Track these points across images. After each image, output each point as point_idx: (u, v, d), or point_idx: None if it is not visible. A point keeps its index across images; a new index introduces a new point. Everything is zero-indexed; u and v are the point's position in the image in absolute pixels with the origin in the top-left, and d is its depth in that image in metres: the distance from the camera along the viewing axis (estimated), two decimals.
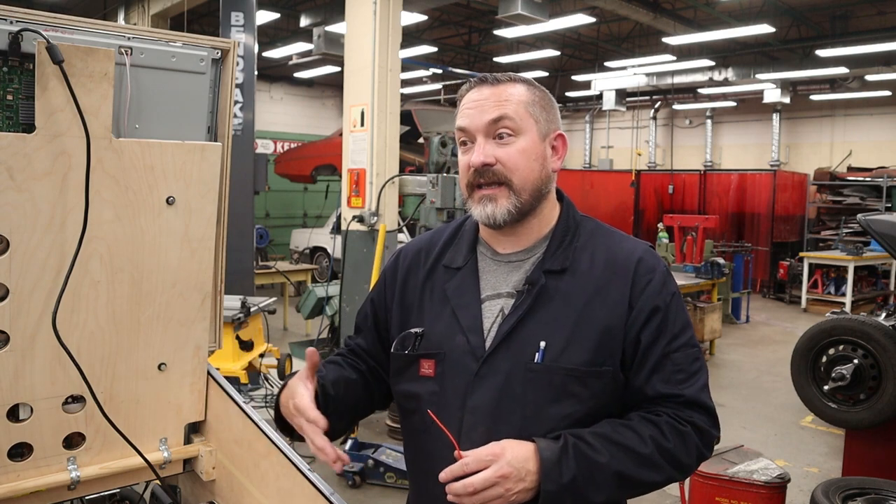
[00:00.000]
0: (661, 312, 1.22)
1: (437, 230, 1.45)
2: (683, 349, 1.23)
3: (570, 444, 1.13)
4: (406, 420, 1.36)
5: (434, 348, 1.27)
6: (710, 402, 1.24)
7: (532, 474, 1.10)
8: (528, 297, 1.22)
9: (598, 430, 1.18)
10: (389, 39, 5.38)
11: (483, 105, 1.23)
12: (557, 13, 10.18)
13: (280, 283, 8.92)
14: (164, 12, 8.54)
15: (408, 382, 1.30)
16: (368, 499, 4.08)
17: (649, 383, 1.21)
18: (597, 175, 15.56)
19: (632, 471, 1.15)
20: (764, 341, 8.83)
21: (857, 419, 3.88)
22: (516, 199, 1.22)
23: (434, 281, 1.33)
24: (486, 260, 1.32)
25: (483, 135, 1.23)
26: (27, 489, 1.37)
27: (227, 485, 1.58)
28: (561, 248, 1.27)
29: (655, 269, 1.26)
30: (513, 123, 1.22)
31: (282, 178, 12.76)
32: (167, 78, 1.40)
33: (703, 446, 1.21)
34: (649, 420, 1.20)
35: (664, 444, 1.17)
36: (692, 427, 1.20)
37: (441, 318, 1.27)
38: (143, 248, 1.41)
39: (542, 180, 1.26)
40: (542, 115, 1.26)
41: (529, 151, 1.23)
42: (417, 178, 5.45)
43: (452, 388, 1.24)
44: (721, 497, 3.02)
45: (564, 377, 1.19)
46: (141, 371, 1.48)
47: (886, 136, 14.54)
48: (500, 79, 1.25)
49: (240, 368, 4.52)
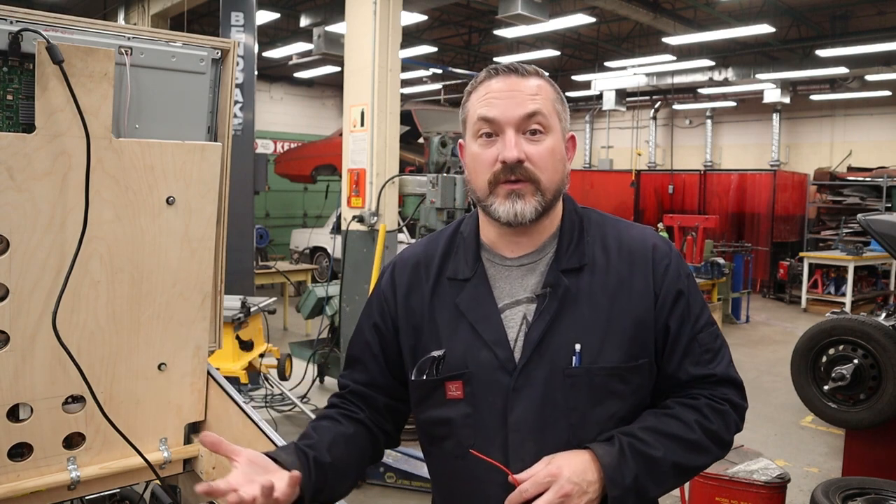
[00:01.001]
0: (685, 296, 1.22)
1: (429, 240, 1.35)
2: (706, 328, 1.24)
3: (625, 444, 1.12)
4: (435, 447, 1.27)
5: (458, 368, 1.19)
6: (737, 375, 1.26)
7: (593, 484, 1.08)
8: (552, 301, 1.17)
9: (645, 424, 1.17)
10: (389, 39, 5.39)
11: (513, 97, 1.16)
12: (557, 13, 10.17)
13: (280, 283, 8.92)
14: (164, 12, 8.54)
15: (435, 409, 1.22)
16: (368, 499, 4.08)
17: (682, 368, 1.21)
18: (597, 175, 15.56)
19: (686, 459, 1.16)
20: (764, 341, 8.83)
21: (857, 419, 3.88)
22: (542, 198, 1.16)
23: (441, 296, 1.23)
24: (496, 266, 1.24)
25: (514, 128, 1.15)
26: (27, 489, 1.37)
27: None
28: (572, 244, 1.23)
29: (670, 253, 1.25)
30: (545, 120, 1.17)
31: (282, 178, 12.75)
32: (167, 78, 1.39)
33: (738, 420, 1.24)
34: (689, 405, 1.20)
35: (709, 427, 1.18)
36: (729, 404, 1.22)
37: (459, 336, 1.19)
38: (143, 248, 1.41)
39: (564, 181, 1.22)
40: (563, 113, 1.23)
41: (557, 151, 1.19)
42: (417, 178, 5.45)
43: (488, 408, 1.17)
44: (721, 497, 3.02)
45: (605, 377, 1.16)
46: (141, 371, 1.48)
47: (886, 136, 14.53)
48: (528, 70, 1.20)
49: (240, 368, 4.52)
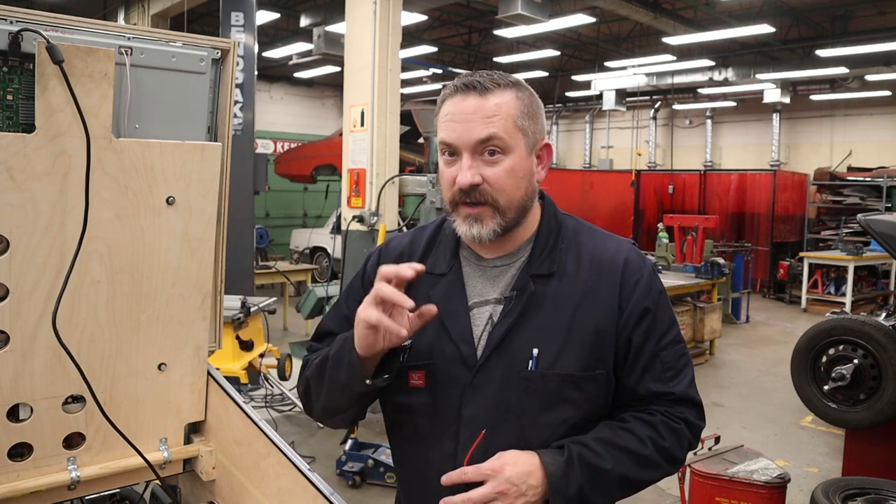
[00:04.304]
0: (651, 313, 1.23)
1: (415, 232, 1.39)
2: (671, 346, 1.25)
3: (574, 453, 1.14)
4: (396, 429, 1.33)
5: (423, 358, 1.23)
6: (697, 396, 1.28)
7: (534, 489, 1.11)
8: (517, 304, 1.20)
9: (599, 435, 1.18)
10: (389, 39, 5.39)
11: (470, 119, 1.15)
12: (557, 13, 10.17)
13: (280, 283, 8.92)
14: (164, 12, 8.55)
15: (398, 394, 1.26)
16: (368, 499, 4.08)
17: (641, 383, 1.23)
18: (597, 175, 15.54)
19: (634, 473, 1.18)
20: (764, 341, 8.83)
21: (857, 419, 3.88)
22: (501, 219, 1.18)
23: (417, 288, 1.23)
24: (471, 265, 1.28)
25: (470, 152, 1.15)
26: (27, 489, 1.37)
27: (227, 485, 1.58)
28: (546, 250, 1.24)
29: (642, 269, 1.26)
30: (502, 142, 1.15)
31: (282, 178, 12.75)
32: (167, 78, 1.39)
33: (693, 439, 1.26)
34: (644, 420, 1.22)
35: (662, 444, 1.20)
36: (685, 423, 1.24)
37: (427, 328, 1.19)
38: (143, 248, 1.41)
39: (528, 197, 1.22)
40: (531, 126, 1.20)
41: (517, 170, 1.17)
42: (417, 178, 5.45)
43: (445, 399, 1.22)
44: (721, 497, 3.02)
45: (559, 383, 1.18)
46: (141, 371, 1.48)
47: (886, 136, 14.53)
48: (487, 85, 1.16)
49: (240, 368, 4.52)
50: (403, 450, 1.33)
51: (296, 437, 4.85)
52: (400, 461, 1.36)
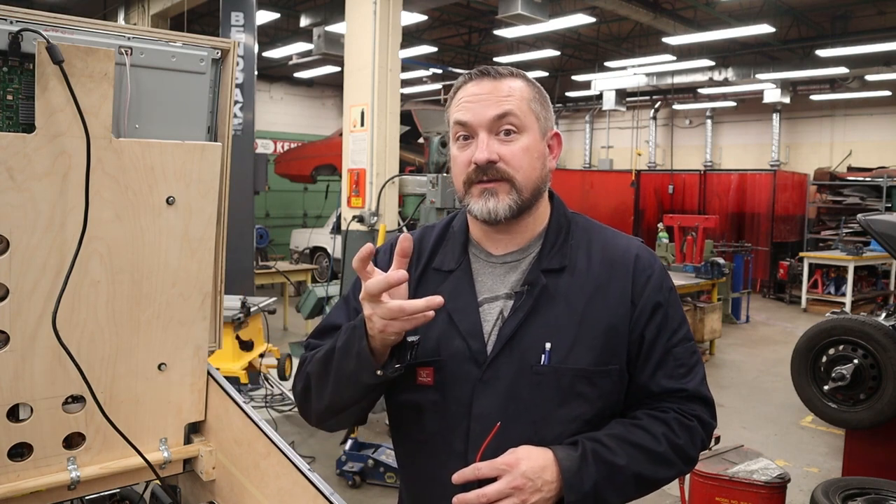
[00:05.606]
0: (663, 308, 1.23)
1: (424, 230, 1.38)
2: (683, 343, 1.24)
3: (588, 449, 1.13)
4: (402, 429, 1.31)
5: (431, 355, 1.21)
6: (709, 394, 1.27)
7: (549, 484, 1.09)
8: (528, 299, 1.19)
9: (612, 431, 1.17)
10: (389, 39, 5.38)
11: (486, 99, 1.18)
12: (557, 13, 10.17)
13: (280, 283, 8.92)
14: (164, 12, 8.54)
15: (404, 393, 1.25)
16: (368, 499, 4.08)
17: (654, 379, 1.22)
18: (597, 175, 15.55)
19: (649, 470, 1.17)
20: (764, 341, 8.82)
21: (857, 419, 3.88)
22: (517, 196, 1.18)
23: (426, 284, 1.26)
24: (480, 262, 1.27)
25: (486, 130, 1.17)
26: (27, 489, 1.37)
27: (227, 485, 1.58)
28: (556, 246, 1.24)
29: (653, 265, 1.26)
30: (517, 120, 1.18)
31: (282, 178, 12.75)
32: (167, 78, 1.39)
33: (705, 437, 1.25)
34: (658, 418, 1.21)
35: (675, 441, 1.19)
36: (697, 421, 1.23)
37: (436, 324, 1.17)
38: (143, 248, 1.41)
39: (543, 179, 1.23)
40: (542, 112, 1.23)
41: (532, 149, 1.19)
42: (417, 178, 5.44)
43: (454, 396, 1.20)
44: (721, 497, 3.02)
45: (572, 378, 1.17)
46: (141, 371, 1.48)
47: (886, 136, 14.53)
48: (502, 72, 1.20)
49: (240, 368, 4.52)
50: (410, 449, 1.31)
51: (296, 437, 4.85)
52: (406, 462, 1.33)
